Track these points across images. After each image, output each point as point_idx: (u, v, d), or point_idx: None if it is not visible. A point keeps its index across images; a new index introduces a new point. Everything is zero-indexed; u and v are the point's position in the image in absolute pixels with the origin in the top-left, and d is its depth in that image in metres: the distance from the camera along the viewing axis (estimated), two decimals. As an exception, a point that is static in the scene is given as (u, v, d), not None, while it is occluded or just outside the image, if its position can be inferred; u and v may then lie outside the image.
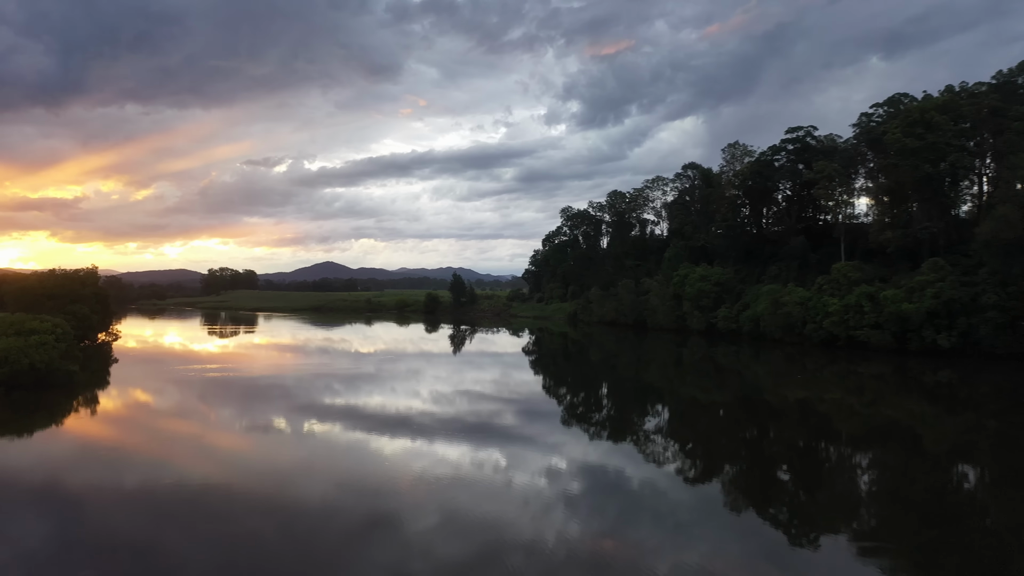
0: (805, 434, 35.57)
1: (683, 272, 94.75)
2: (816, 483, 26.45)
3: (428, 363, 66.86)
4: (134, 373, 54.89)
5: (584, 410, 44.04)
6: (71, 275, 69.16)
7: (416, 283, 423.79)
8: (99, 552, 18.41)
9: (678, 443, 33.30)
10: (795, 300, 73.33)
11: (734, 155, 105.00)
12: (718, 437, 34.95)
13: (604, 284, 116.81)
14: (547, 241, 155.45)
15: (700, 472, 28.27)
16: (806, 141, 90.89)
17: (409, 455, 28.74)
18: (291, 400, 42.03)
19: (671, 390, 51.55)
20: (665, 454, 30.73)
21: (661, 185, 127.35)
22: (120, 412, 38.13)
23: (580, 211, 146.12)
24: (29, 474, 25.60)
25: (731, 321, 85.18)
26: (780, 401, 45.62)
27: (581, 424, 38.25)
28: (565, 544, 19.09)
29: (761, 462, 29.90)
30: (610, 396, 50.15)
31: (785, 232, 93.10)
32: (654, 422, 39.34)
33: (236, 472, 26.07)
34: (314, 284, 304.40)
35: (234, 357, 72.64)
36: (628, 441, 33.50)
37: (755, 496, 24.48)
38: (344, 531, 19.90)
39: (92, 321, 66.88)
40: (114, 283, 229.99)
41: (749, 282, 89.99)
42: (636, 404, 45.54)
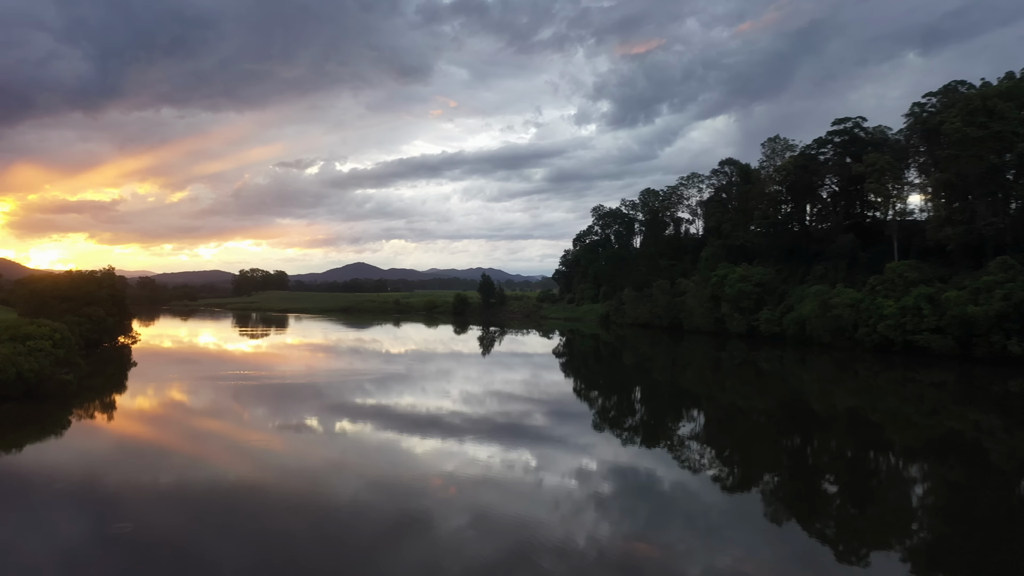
0: (854, 444, 33.52)
1: (721, 272, 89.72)
2: (866, 496, 24.89)
3: (458, 364, 66.41)
4: (149, 378, 52.57)
5: (616, 414, 42.83)
6: (86, 276, 66.21)
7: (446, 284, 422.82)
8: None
9: (714, 449, 32.07)
10: (846, 302, 68.08)
11: (775, 150, 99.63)
12: (758, 445, 33.50)
13: (637, 285, 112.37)
14: (578, 241, 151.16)
15: (737, 479, 27.21)
16: (854, 133, 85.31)
17: (440, 455, 28.88)
18: (321, 401, 42.50)
19: (709, 396, 49.52)
20: (700, 460, 29.67)
21: (696, 182, 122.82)
22: (114, 426, 35.17)
23: (612, 210, 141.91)
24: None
25: (774, 324, 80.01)
26: (828, 409, 43.40)
27: (613, 428, 37.36)
28: (596, 545, 18.92)
29: (805, 472, 28.57)
30: (644, 400, 48.63)
31: (831, 230, 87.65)
32: (690, 427, 38.12)
33: (269, 471, 26.31)
34: (344, 285, 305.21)
35: (259, 359, 72.65)
36: (662, 446, 32.52)
37: (797, 507, 23.52)
38: (375, 530, 20.03)
39: (107, 324, 63.75)
40: (147, 284, 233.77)
41: (792, 283, 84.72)
42: (671, 409, 44.13)
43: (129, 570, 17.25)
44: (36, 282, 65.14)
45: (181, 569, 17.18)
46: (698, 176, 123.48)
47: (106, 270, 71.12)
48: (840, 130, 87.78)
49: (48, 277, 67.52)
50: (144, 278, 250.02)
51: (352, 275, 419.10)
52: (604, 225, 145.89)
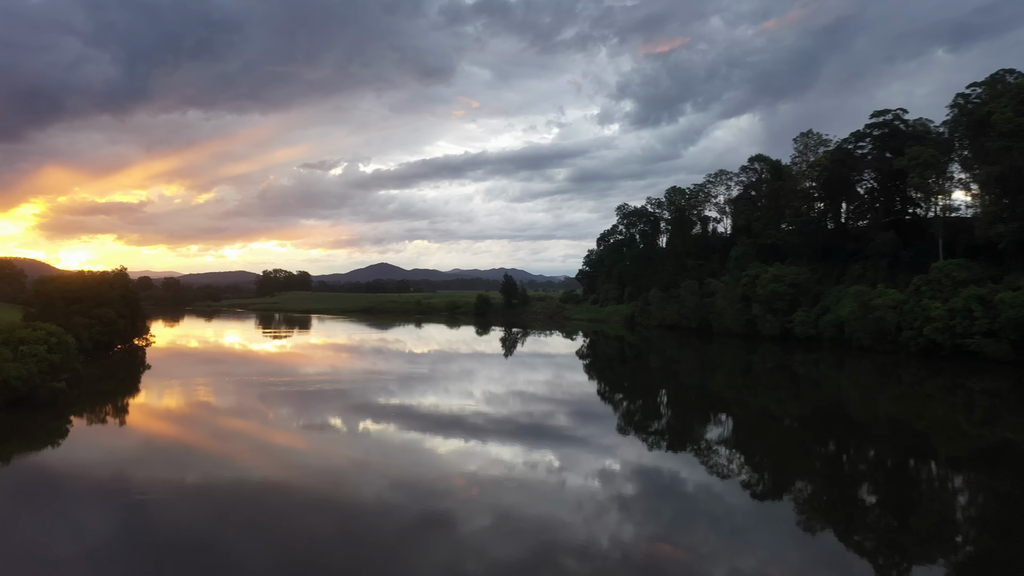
0: (896, 453, 31.86)
1: (753, 272, 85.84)
2: (907, 507, 23.63)
3: (480, 364, 65.85)
4: (160, 383, 50.30)
5: (641, 417, 42.03)
6: (98, 277, 63.95)
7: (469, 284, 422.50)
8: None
9: (743, 454, 31.25)
10: (888, 303, 63.95)
11: (807, 145, 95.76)
12: (790, 451, 32.47)
13: (664, 285, 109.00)
14: (602, 240, 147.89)
15: (767, 485, 26.53)
16: (894, 126, 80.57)
17: (462, 455, 29.05)
18: (344, 401, 42.83)
19: (739, 400, 47.87)
20: (728, 465, 28.87)
21: (724, 180, 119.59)
22: (105, 438, 33.04)
23: (637, 208, 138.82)
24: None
25: (809, 326, 76.04)
26: (868, 416, 41.26)
27: (637, 430, 36.76)
28: (619, 547, 18.90)
29: (840, 480, 27.40)
30: (670, 404, 47.58)
31: (870, 227, 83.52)
32: (717, 432, 37.11)
33: (293, 471, 26.63)
34: (367, 286, 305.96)
35: (279, 359, 72.61)
36: (687, 449, 31.97)
37: (831, 515, 22.80)
38: (399, 530, 20.13)
39: (119, 325, 61.30)
40: (171, 285, 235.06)
41: (827, 283, 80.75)
42: (699, 413, 43.01)
43: (155, 568, 17.42)
44: (45, 283, 62.98)
45: (207, 566, 17.39)
46: (726, 173, 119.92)
47: (118, 271, 68.83)
48: (879, 123, 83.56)
49: (59, 278, 65.43)
50: (169, 279, 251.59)
51: (375, 275, 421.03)
52: (629, 224, 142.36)
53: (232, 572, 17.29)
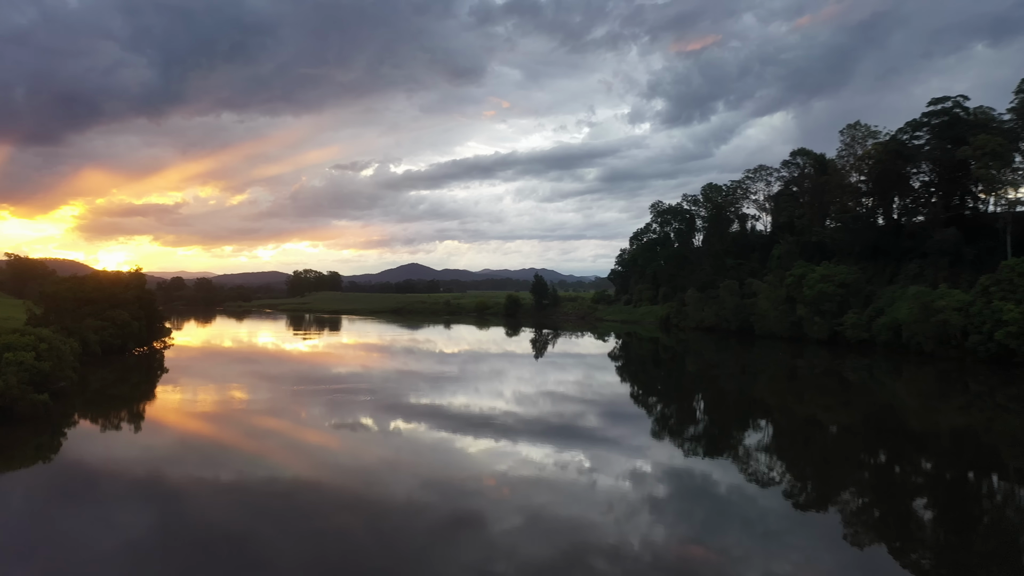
0: (959, 467, 29.77)
1: (798, 271, 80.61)
2: (968, 524, 22.09)
3: (510, 364, 64.46)
4: (173, 389, 46.87)
5: (676, 421, 40.97)
6: (111, 278, 60.71)
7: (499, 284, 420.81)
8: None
9: (784, 461, 30.23)
10: (953, 305, 57.75)
11: (854, 137, 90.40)
12: (839, 461, 30.74)
13: (701, 285, 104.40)
14: (635, 239, 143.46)
15: (809, 494, 25.53)
16: (955, 114, 73.96)
17: (493, 455, 29.06)
18: (375, 400, 42.93)
19: (783, 407, 45.56)
20: (767, 472, 27.91)
21: (764, 175, 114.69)
22: (89, 462, 28.69)
23: (672, 206, 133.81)
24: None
25: (861, 329, 70.80)
26: (929, 427, 38.81)
27: (672, 435, 36.13)
28: (650, 548, 18.71)
29: (891, 492, 25.75)
30: (707, 409, 45.81)
31: (927, 223, 77.54)
32: (757, 438, 35.71)
33: (326, 469, 26.96)
34: (397, 286, 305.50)
35: (304, 360, 71.63)
36: (724, 455, 31.00)
37: (877, 527, 21.77)
38: (429, 529, 20.22)
39: (132, 328, 57.94)
40: (203, 285, 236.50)
41: (879, 283, 74.97)
42: (737, 419, 41.21)
43: (190, 565, 17.55)
44: (57, 284, 60.05)
45: (241, 564, 17.60)
46: (766, 169, 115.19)
47: (133, 271, 65.67)
48: (938, 111, 76.97)
49: (72, 279, 62.43)
50: (201, 279, 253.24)
51: (406, 276, 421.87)
52: (663, 222, 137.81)
53: (265, 569, 17.43)
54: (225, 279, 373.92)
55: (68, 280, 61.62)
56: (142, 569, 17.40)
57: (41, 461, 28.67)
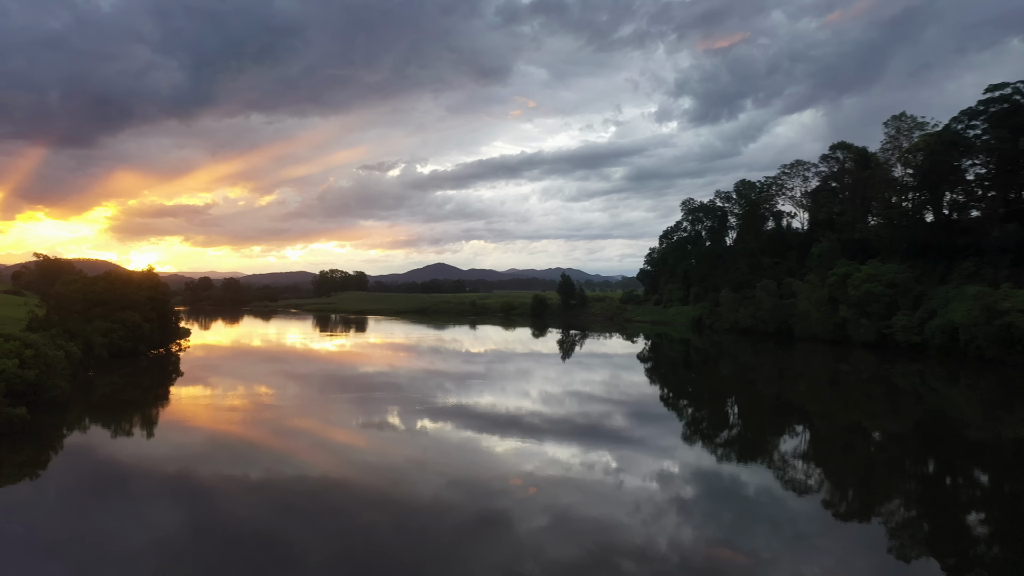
0: (1022, 481, 27.55)
1: (841, 270, 75.94)
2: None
3: (537, 364, 62.92)
4: (184, 398, 43.46)
5: (708, 425, 39.72)
6: (123, 278, 57.78)
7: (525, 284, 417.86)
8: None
9: (823, 469, 29.11)
10: (1019, 307, 52.52)
11: (899, 129, 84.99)
12: (884, 469, 29.34)
13: (736, 285, 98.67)
14: (664, 238, 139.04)
15: (851, 504, 24.07)
16: (1015, 101, 68.24)
17: (519, 455, 29.03)
18: (400, 402, 42.98)
19: (824, 413, 43.47)
20: (806, 480, 26.82)
21: (801, 171, 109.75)
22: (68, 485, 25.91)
23: (703, 204, 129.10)
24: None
25: (912, 332, 65.64)
26: (987, 437, 36.20)
27: (703, 438, 35.22)
28: (678, 550, 18.68)
29: (945, 505, 24.03)
30: (742, 414, 44.14)
31: (984, 219, 71.36)
32: (794, 444, 34.60)
33: (353, 467, 27.18)
34: (423, 286, 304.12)
35: (330, 362, 70.35)
36: (759, 461, 30.15)
37: (930, 544, 20.51)
38: (455, 528, 20.40)
39: (144, 330, 54.92)
40: (231, 285, 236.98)
41: (929, 282, 69.41)
42: (774, 424, 39.94)
43: (219, 561, 17.84)
44: (67, 284, 57.43)
45: (269, 560, 17.82)
46: (803, 164, 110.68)
47: (146, 270, 62.90)
48: (996, 98, 71.16)
49: (83, 279, 59.83)
50: (229, 279, 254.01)
51: (432, 276, 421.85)
52: (694, 220, 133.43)
53: (293, 566, 17.61)
54: (254, 279, 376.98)
55: (78, 280, 59.10)
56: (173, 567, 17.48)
57: (26, 479, 26.01)
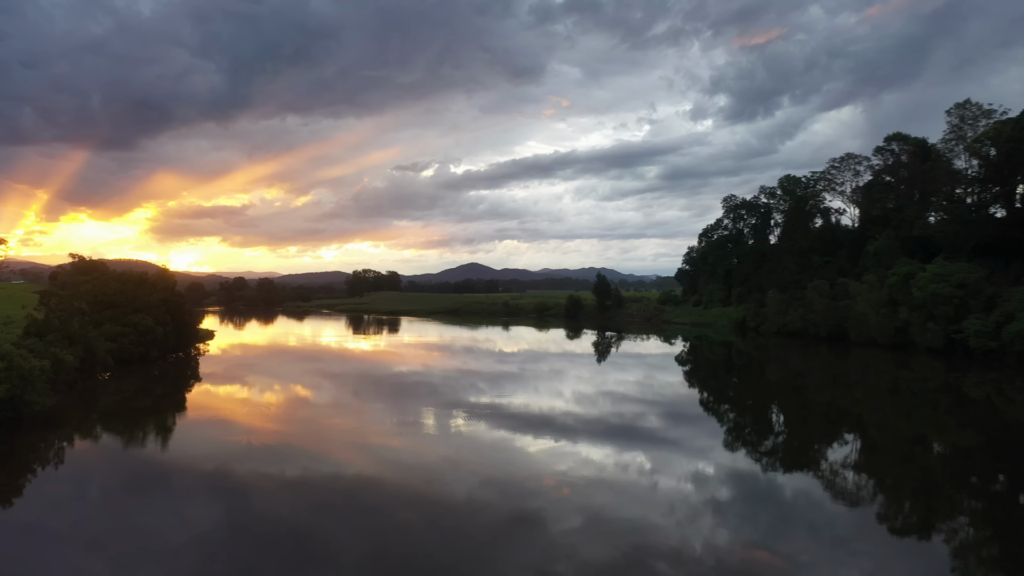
0: None
1: (903, 270, 70.14)
2: None
3: (571, 365, 60.63)
4: (195, 413, 39.85)
5: (752, 431, 38.10)
6: (136, 278, 53.84)
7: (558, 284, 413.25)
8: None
9: (876, 480, 27.20)
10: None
11: (963, 118, 78.56)
12: (949, 486, 26.72)
13: (783, 285, 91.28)
14: (704, 236, 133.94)
15: (910, 520, 22.78)
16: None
17: (553, 455, 29.09)
18: (435, 401, 42.99)
19: (883, 423, 40.56)
20: (858, 491, 25.33)
21: (852, 164, 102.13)
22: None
23: (746, 200, 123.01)
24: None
25: (988, 337, 58.20)
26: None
27: (746, 444, 33.55)
28: (713, 552, 18.53)
29: (1018, 526, 22.23)
30: (790, 421, 42.00)
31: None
32: (845, 453, 32.26)
33: (387, 466, 27.44)
34: (456, 286, 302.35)
35: (363, 365, 70.22)
36: (806, 469, 28.46)
37: (997, 563, 19.25)
38: (489, 528, 20.66)
39: (157, 334, 50.98)
40: (264, 285, 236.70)
41: (1002, 283, 62.63)
42: (826, 432, 37.66)
43: (255, 557, 18.12)
44: (77, 286, 53.74)
45: (305, 558, 18.01)
46: (854, 157, 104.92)
47: (160, 270, 58.95)
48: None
49: (92, 280, 56.11)
50: (263, 279, 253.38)
51: (465, 275, 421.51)
52: (736, 218, 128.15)
53: (329, 564, 17.77)
54: (289, 279, 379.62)
55: (89, 282, 55.49)
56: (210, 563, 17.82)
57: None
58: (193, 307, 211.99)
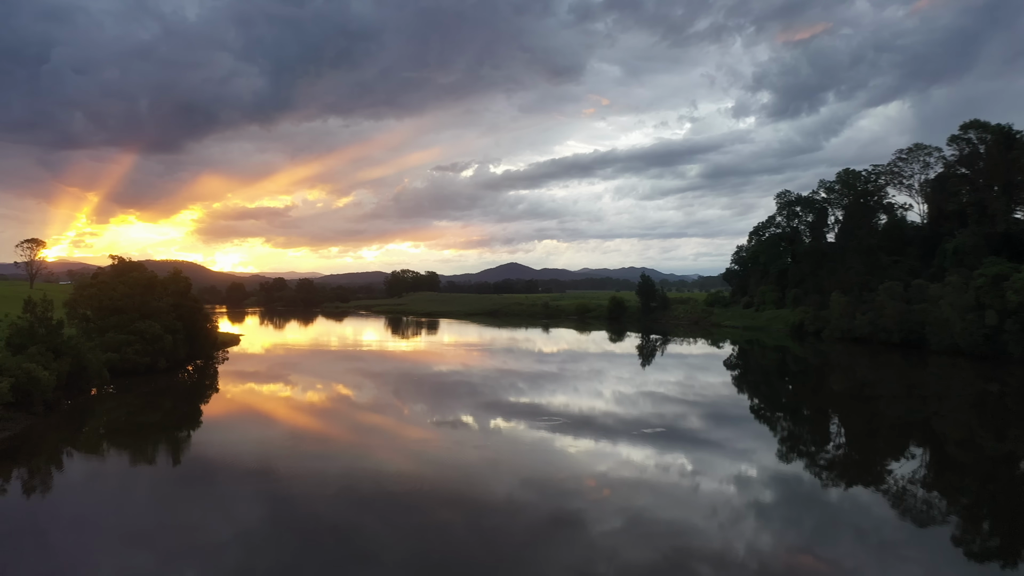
0: None
1: (992, 270, 63.41)
2: None
3: (609, 366, 57.80)
4: (204, 434, 35.19)
5: (811, 443, 34.69)
6: (143, 282, 48.58)
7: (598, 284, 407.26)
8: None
9: (957, 503, 24.91)
10: None
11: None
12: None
13: (846, 287, 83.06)
14: (755, 234, 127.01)
15: (990, 546, 20.82)
16: None
17: (593, 456, 28.87)
18: (475, 405, 42.64)
19: (967, 440, 35.93)
20: (930, 511, 23.32)
21: (922, 155, 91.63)
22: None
23: (802, 196, 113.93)
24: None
25: (1101, 347, 49.45)
26: None
27: (803, 456, 31.27)
28: (757, 556, 18.09)
29: None
30: (855, 434, 37.76)
31: None
32: (918, 470, 29.12)
33: (427, 465, 27.58)
34: (495, 286, 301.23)
35: (403, 364, 70.54)
36: (873, 486, 26.21)
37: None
38: (529, 528, 20.61)
39: (165, 343, 45.61)
40: (304, 286, 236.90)
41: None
42: (896, 447, 33.38)
43: (300, 555, 18.15)
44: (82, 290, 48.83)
45: (347, 555, 18.36)
46: (924, 148, 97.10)
47: (172, 273, 53.51)
48: None
49: (97, 284, 51.21)
50: (303, 280, 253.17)
51: (505, 275, 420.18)
52: (790, 215, 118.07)
53: (371, 561, 18.04)
54: (331, 279, 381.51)
55: (94, 286, 50.53)
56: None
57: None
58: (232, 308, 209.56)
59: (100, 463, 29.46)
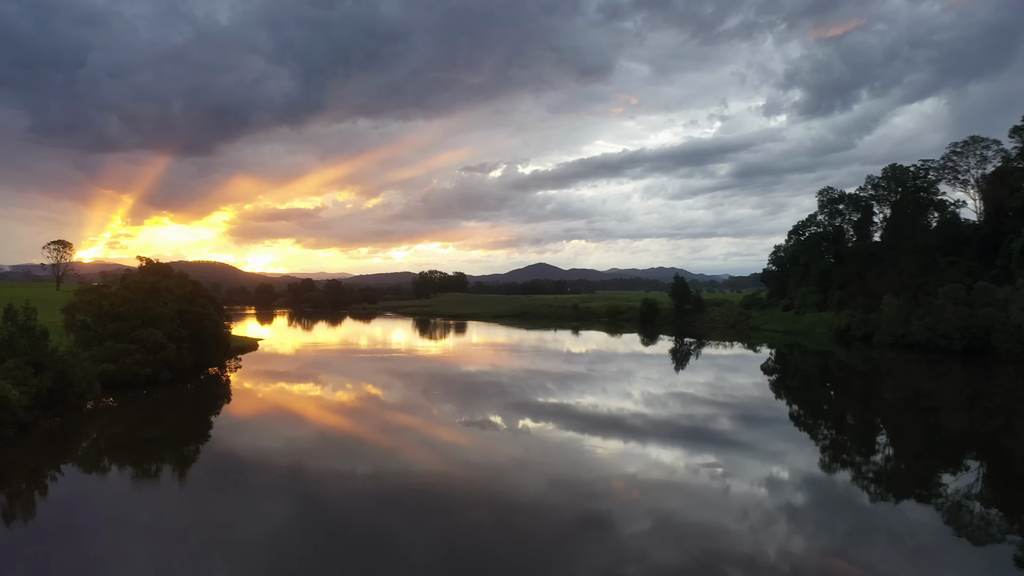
0: None
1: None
2: None
3: (640, 367, 56.34)
4: (206, 459, 31.63)
5: (855, 453, 32.85)
6: (146, 287, 44.66)
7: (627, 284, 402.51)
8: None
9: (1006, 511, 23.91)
10: None
11: None
12: None
13: (898, 289, 77.64)
14: (794, 233, 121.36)
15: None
16: None
17: (622, 457, 28.76)
18: (503, 406, 42.34)
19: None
20: (987, 528, 21.85)
21: (979, 149, 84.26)
22: None
23: (846, 193, 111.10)
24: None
25: None
26: None
27: (845, 466, 29.76)
28: (788, 559, 17.97)
29: None
30: (911, 449, 34.30)
31: None
32: (977, 484, 27.26)
33: (456, 465, 27.78)
34: (523, 287, 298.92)
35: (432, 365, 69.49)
36: (931, 502, 24.48)
37: None
38: (558, 529, 20.74)
39: (168, 352, 41.67)
40: (332, 287, 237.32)
41: None
42: (956, 462, 31.01)
43: (329, 553, 18.20)
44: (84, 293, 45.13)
45: (375, 552, 18.52)
46: (981, 141, 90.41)
47: (177, 276, 49.51)
48: None
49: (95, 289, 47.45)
50: (331, 281, 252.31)
51: (533, 276, 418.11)
52: (832, 213, 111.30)
53: (399, 559, 18.05)
54: (360, 279, 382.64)
55: (91, 290, 46.90)
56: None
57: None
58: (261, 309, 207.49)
59: (74, 489, 25.17)
